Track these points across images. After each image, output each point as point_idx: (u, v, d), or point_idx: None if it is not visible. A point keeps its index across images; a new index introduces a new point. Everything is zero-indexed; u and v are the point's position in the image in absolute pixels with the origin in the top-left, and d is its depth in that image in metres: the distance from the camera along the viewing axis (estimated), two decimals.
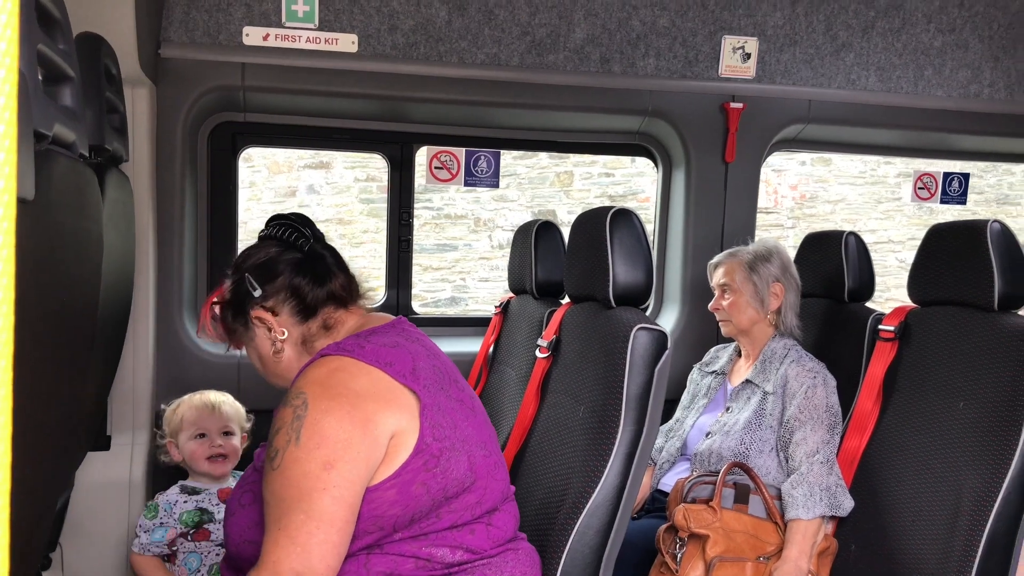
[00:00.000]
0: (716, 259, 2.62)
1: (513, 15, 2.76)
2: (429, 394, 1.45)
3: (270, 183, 7.62)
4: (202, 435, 2.32)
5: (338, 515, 1.32)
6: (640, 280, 1.88)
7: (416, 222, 3.23)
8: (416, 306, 3.28)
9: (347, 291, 1.60)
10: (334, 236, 7.62)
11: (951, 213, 7.33)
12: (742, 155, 3.05)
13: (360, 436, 1.35)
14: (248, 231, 3.07)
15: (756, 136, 3.06)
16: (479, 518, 1.50)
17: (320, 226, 1.69)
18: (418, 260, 6.01)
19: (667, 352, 1.75)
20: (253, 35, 2.62)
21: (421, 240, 7.62)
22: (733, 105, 2.99)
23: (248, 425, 2.43)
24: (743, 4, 2.88)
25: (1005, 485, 1.90)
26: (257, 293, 1.53)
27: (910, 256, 8.61)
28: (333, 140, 3.05)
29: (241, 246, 3.14)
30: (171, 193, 2.62)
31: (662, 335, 1.75)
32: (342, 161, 7.71)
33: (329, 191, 7.74)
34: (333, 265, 1.60)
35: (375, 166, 7.66)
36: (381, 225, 7.56)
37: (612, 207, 1.93)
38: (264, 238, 1.61)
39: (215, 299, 1.61)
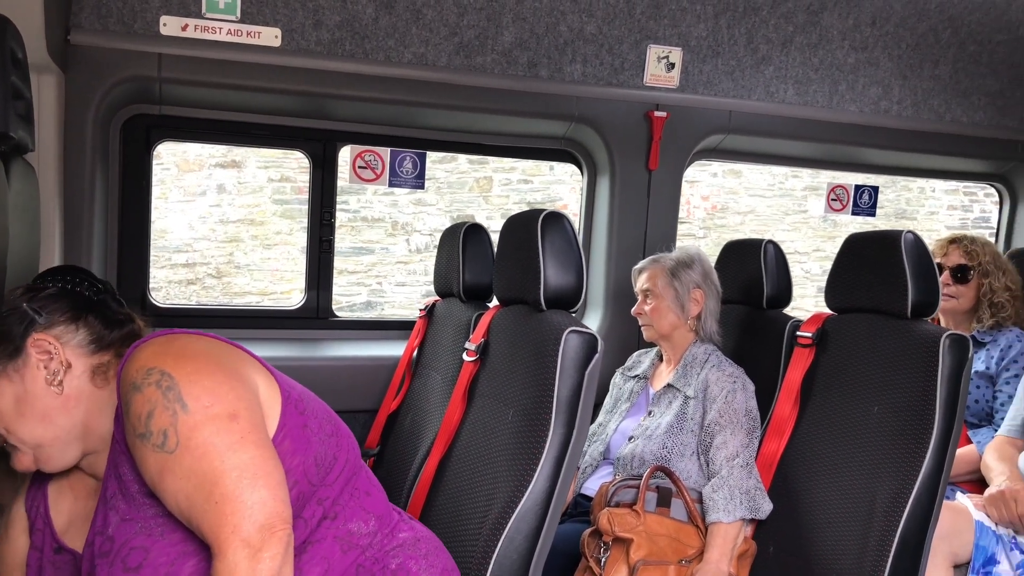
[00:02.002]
0: (640, 264, 2.66)
1: (441, 15, 2.73)
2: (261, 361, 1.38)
3: (179, 181, 7.38)
4: None
5: (266, 457, 1.21)
6: (571, 283, 1.87)
7: None
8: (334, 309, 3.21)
9: (142, 332, 1.47)
10: (245, 237, 7.43)
11: (854, 226, 7.63)
12: (665, 163, 3.09)
13: (241, 384, 1.25)
14: (156, 230, 2.95)
15: (679, 145, 3.11)
16: (358, 473, 1.47)
17: (231, 227, 1.58)
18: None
19: (597, 355, 1.75)
20: (171, 25, 2.52)
21: (336, 243, 7.50)
22: (657, 114, 3.03)
23: None
24: (668, 14, 2.92)
25: (916, 486, 1.97)
26: (41, 319, 1.36)
27: (815, 267, 8.89)
28: (253, 136, 2.96)
29: (154, 242, 3.02)
30: (80, 186, 2.49)
31: (593, 338, 1.75)
32: (255, 160, 7.52)
33: (241, 191, 7.54)
34: (125, 316, 1.47)
35: (290, 166, 7.50)
36: (295, 227, 7.41)
37: (543, 210, 1.93)
38: (36, 285, 1.44)
39: None
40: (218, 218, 7.44)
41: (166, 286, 7.31)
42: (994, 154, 3.56)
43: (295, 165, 7.45)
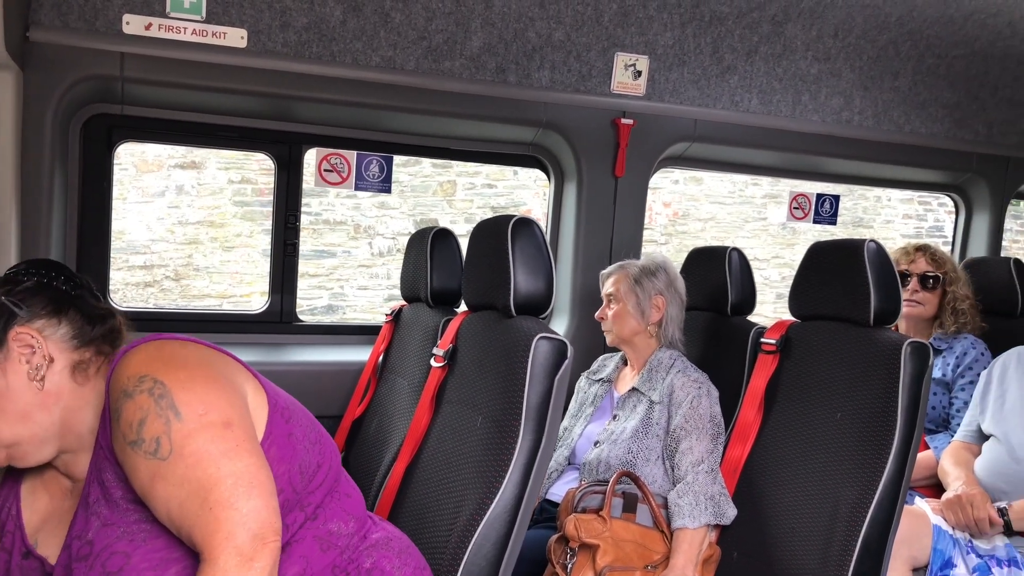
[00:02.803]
0: (607, 270, 2.68)
1: (410, 19, 2.72)
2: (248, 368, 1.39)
3: (137, 182, 7.25)
4: None
5: (260, 465, 1.21)
6: (541, 289, 1.88)
7: None
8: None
9: (123, 330, 1.45)
10: (205, 240, 7.33)
11: (812, 233, 7.75)
12: (631, 170, 3.11)
13: (233, 392, 1.25)
14: (114, 231, 2.90)
15: (645, 152, 3.13)
16: (339, 477, 1.47)
17: (190, 229, 1.55)
18: None
19: (567, 361, 1.75)
20: (134, 23, 2.48)
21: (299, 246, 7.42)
22: (624, 121, 3.04)
23: None
24: (635, 22, 2.94)
25: (878, 492, 1.99)
26: (22, 312, 1.32)
27: (774, 273, 8.99)
28: (218, 138, 2.92)
29: (114, 244, 2.96)
30: (37, 186, 2.43)
31: (563, 344, 1.75)
32: (215, 162, 7.42)
33: (200, 192, 7.43)
34: (105, 310, 1.43)
35: (251, 168, 7.41)
36: (255, 229, 7.32)
37: (513, 216, 1.92)
38: (12, 276, 1.40)
39: None
40: (177, 220, 7.32)
41: (123, 288, 7.18)
42: (951, 165, 3.65)
43: (256, 167, 7.37)
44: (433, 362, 2.12)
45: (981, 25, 3.20)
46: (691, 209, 8.96)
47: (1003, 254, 3.73)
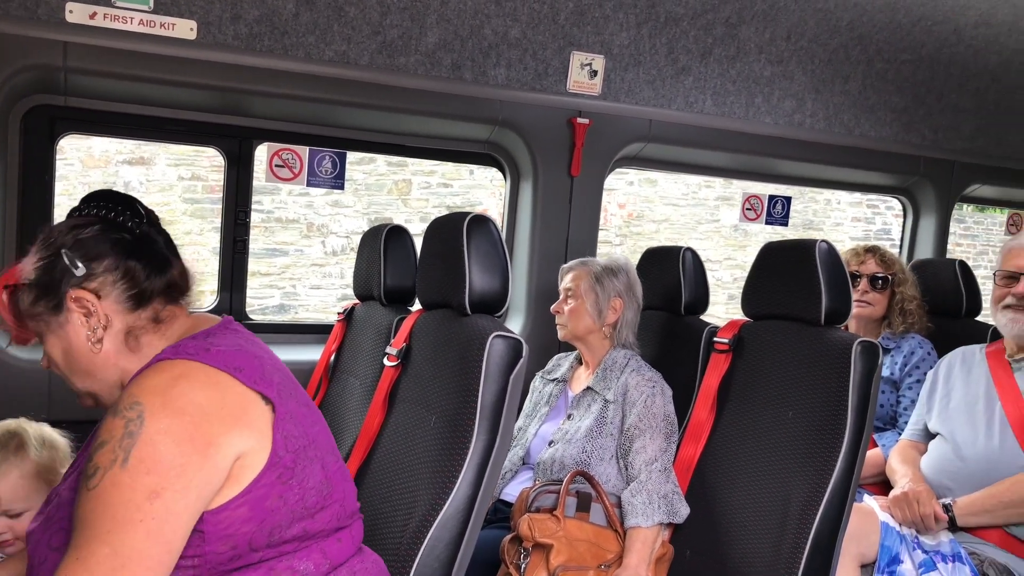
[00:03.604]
0: (569, 264, 2.67)
1: (364, 13, 2.68)
2: (282, 401, 1.33)
3: (84, 177, 7.07)
4: None
5: (150, 552, 1.15)
6: (496, 287, 1.86)
7: None
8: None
9: (185, 282, 1.43)
10: None
11: (764, 235, 7.86)
12: (587, 170, 3.11)
13: (198, 462, 1.19)
14: None
15: (600, 152, 3.13)
16: (344, 527, 1.42)
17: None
18: None
19: (523, 360, 1.74)
20: (77, 12, 2.40)
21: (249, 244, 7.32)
22: (580, 120, 3.04)
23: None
24: (591, 21, 2.94)
25: (829, 489, 2.01)
26: (79, 272, 1.32)
27: (726, 275, 9.10)
28: (166, 131, 2.85)
29: None
30: None
31: (518, 343, 1.74)
32: (165, 157, 7.27)
33: (149, 189, 7.28)
34: (169, 252, 1.43)
35: (201, 164, 7.28)
36: (205, 227, 7.18)
37: (468, 213, 1.91)
38: (79, 216, 1.40)
39: (8, 282, 1.36)
40: None
41: None
42: (899, 168, 3.71)
43: (207, 163, 7.24)
44: (386, 361, 2.09)
45: (928, 32, 3.26)
46: (646, 210, 9.03)
47: (949, 256, 3.81)
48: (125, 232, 1.37)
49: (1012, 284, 2.45)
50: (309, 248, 7.75)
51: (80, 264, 1.33)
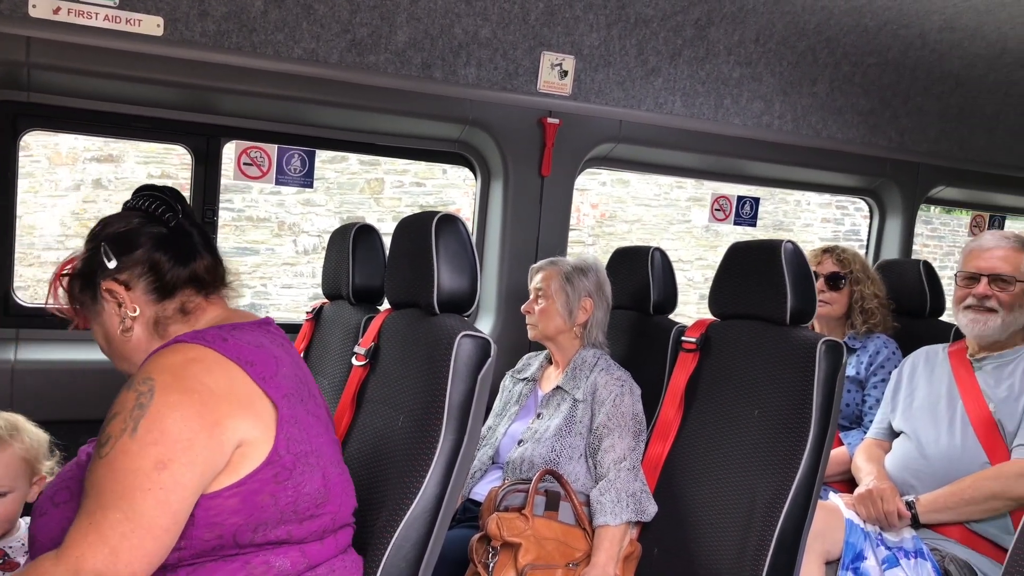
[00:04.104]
0: (538, 264, 2.68)
1: (333, 11, 2.67)
2: (288, 405, 1.37)
3: (51, 175, 6.98)
4: None
5: (159, 521, 1.22)
6: (465, 287, 1.86)
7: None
8: None
9: (211, 275, 1.51)
10: None
11: (735, 235, 7.92)
12: (557, 170, 3.12)
13: (205, 439, 1.26)
14: (24, 226, 2.77)
15: (571, 152, 3.14)
16: (330, 533, 1.46)
17: None
18: None
19: (491, 359, 1.74)
20: (41, 6, 2.37)
21: (220, 242, 7.26)
22: (550, 120, 3.05)
23: (50, 462, 1.93)
24: (562, 22, 2.94)
25: (794, 487, 2.03)
26: (111, 264, 1.43)
27: (697, 275, 9.16)
28: (132, 128, 2.81)
29: (19, 241, 2.83)
30: None
31: (486, 342, 1.74)
32: (134, 155, 7.19)
33: (118, 187, 7.20)
34: (200, 245, 1.51)
35: (171, 162, 7.21)
36: None
37: (437, 212, 1.90)
38: (128, 209, 1.52)
39: (64, 270, 1.49)
40: (93, 215, 7.07)
41: (34, 285, 6.90)
42: (865, 170, 3.76)
43: (177, 161, 7.17)
44: (354, 361, 2.08)
45: (893, 35, 3.30)
46: (618, 211, 9.07)
47: (915, 257, 3.87)
48: (162, 226, 1.47)
49: (972, 285, 2.48)
50: (280, 247, 7.71)
51: (113, 257, 1.43)
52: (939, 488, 2.34)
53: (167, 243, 1.46)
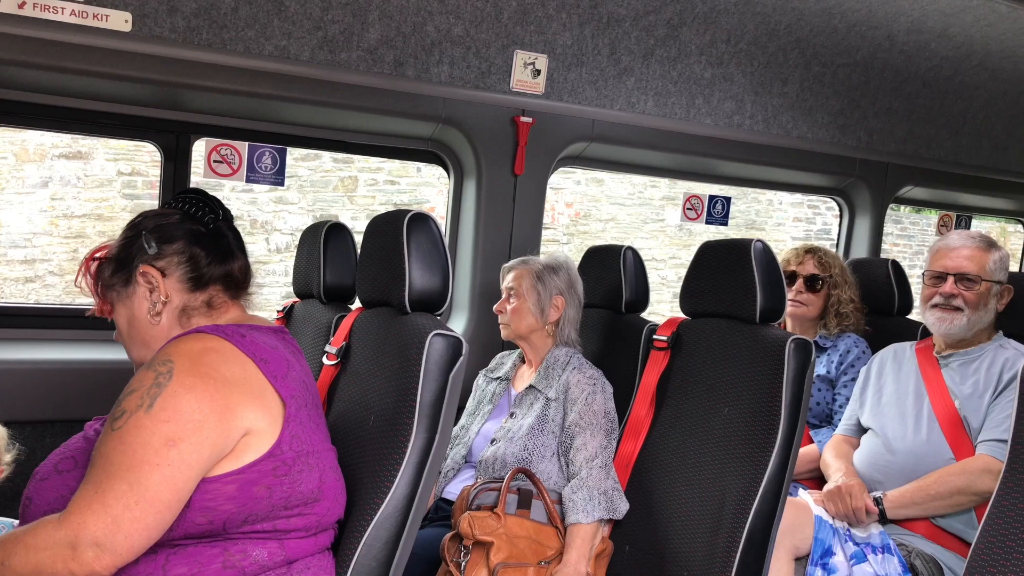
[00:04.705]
0: (510, 264, 2.68)
1: (305, 8, 2.65)
2: (295, 406, 1.42)
3: (17, 172, 6.86)
4: None
5: (162, 496, 1.26)
6: (437, 285, 1.85)
7: None
8: None
9: (243, 276, 1.60)
10: (92, 233, 7.00)
11: (708, 234, 7.96)
12: (530, 168, 3.12)
13: (215, 421, 1.31)
14: None
15: (544, 151, 3.14)
16: (313, 534, 1.49)
17: (76, 222, 1.59)
18: None
19: (462, 359, 1.74)
20: (6, 1, 2.33)
21: None
22: (523, 119, 3.05)
23: (8, 456, 1.92)
24: (535, 20, 2.95)
25: (763, 484, 2.05)
26: (152, 250, 1.50)
27: (671, 273, 9.18)
28: (100, 125, 2.77)
29: None
30: None
31: (458, 341, 1.74)
32: (103, 152, 7.09)
33: (87, 184, 7.10)
34: (235, 247, 1.59)
35: (141, 159, 7.12)
36: None
37: (409, 210, 1.90)
38: (169, 207, 1.59)
39: (98, 253, 1.56)
40: (62, 212, 6.98)
41: (1, 283, 6.80)
42: (835, 170, 3.80)
43: (148, 158, 7.08)
44: (325, 360, 2.07)
45: (862, 37, 3.34)
46: (592, 210, 9.09)
47: (884, 256, 3.91)
48: (200, 225, 1.55)
49: (939, 284, 2.52)
50: (253, 245, 7.64)
51: (153, 244, 1.51)
52: (905, 484, 2.37)
53: (206, 240, 1.54)
